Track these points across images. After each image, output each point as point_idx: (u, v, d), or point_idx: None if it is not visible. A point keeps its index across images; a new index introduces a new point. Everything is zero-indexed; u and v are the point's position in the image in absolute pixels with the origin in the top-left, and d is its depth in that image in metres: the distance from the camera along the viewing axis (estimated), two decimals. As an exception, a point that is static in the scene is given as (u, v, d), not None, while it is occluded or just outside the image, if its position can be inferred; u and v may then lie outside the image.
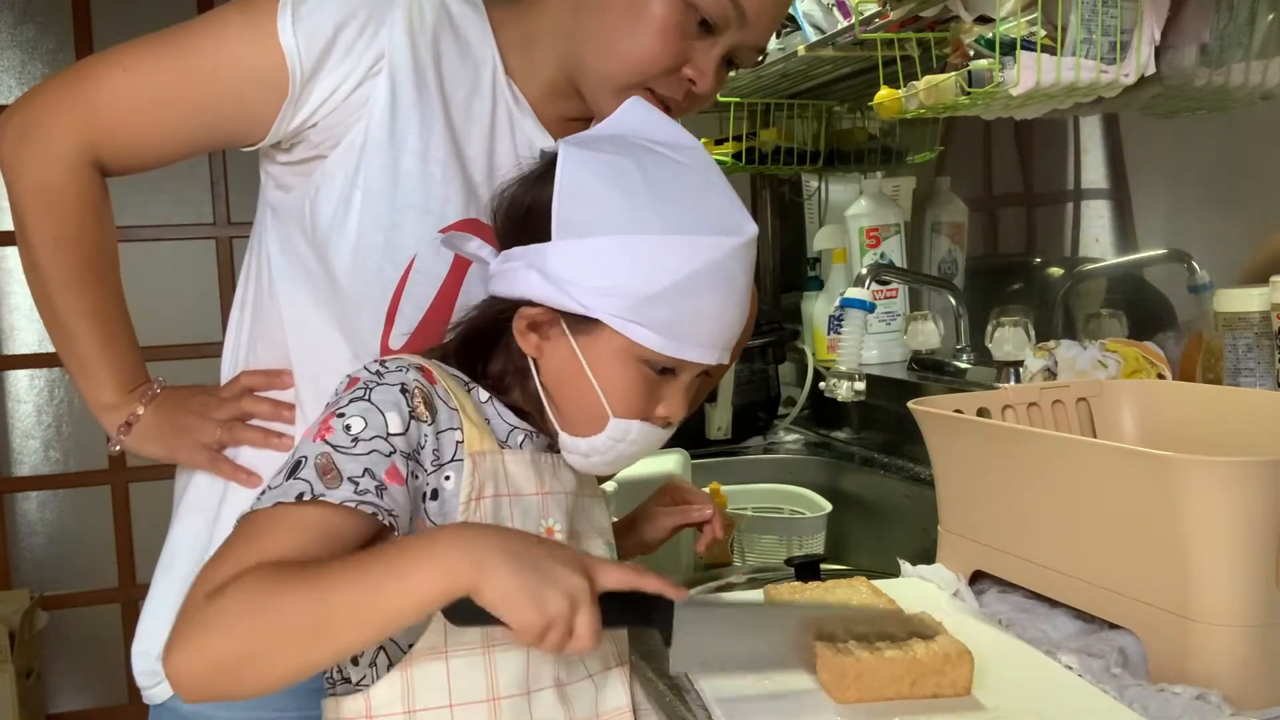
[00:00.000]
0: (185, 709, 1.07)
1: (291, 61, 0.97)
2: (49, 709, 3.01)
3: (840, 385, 1.60)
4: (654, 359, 0.88)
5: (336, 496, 0.78)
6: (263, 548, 0.76)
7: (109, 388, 1.07)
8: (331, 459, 0.80)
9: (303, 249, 1.05)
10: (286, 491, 0.79)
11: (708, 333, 0.88)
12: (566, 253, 0.86)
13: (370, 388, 0.85)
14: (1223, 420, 1.06)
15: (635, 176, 0.86)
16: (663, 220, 0.85)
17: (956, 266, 2.03)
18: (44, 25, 2.97)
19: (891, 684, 0.84)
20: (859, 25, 1.48)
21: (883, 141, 2.14)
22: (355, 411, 0.83)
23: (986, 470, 1.05)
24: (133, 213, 2.91)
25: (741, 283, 0.89)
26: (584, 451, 0.91)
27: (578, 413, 0.90)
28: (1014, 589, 1.04)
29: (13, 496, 3.01)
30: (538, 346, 0.90)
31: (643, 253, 0.85)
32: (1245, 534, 0.81)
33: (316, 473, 0.79)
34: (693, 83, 1.04)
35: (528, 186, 0.91)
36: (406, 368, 0.87)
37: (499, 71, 1.07)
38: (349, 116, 1.00)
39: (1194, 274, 1.48)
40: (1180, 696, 0.82)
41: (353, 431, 0.82)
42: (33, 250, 1.03)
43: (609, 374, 0.88)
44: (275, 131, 1.01)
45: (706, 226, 0.86)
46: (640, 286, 0.85)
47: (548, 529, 0.91)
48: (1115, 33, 1.15)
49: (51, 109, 1.00)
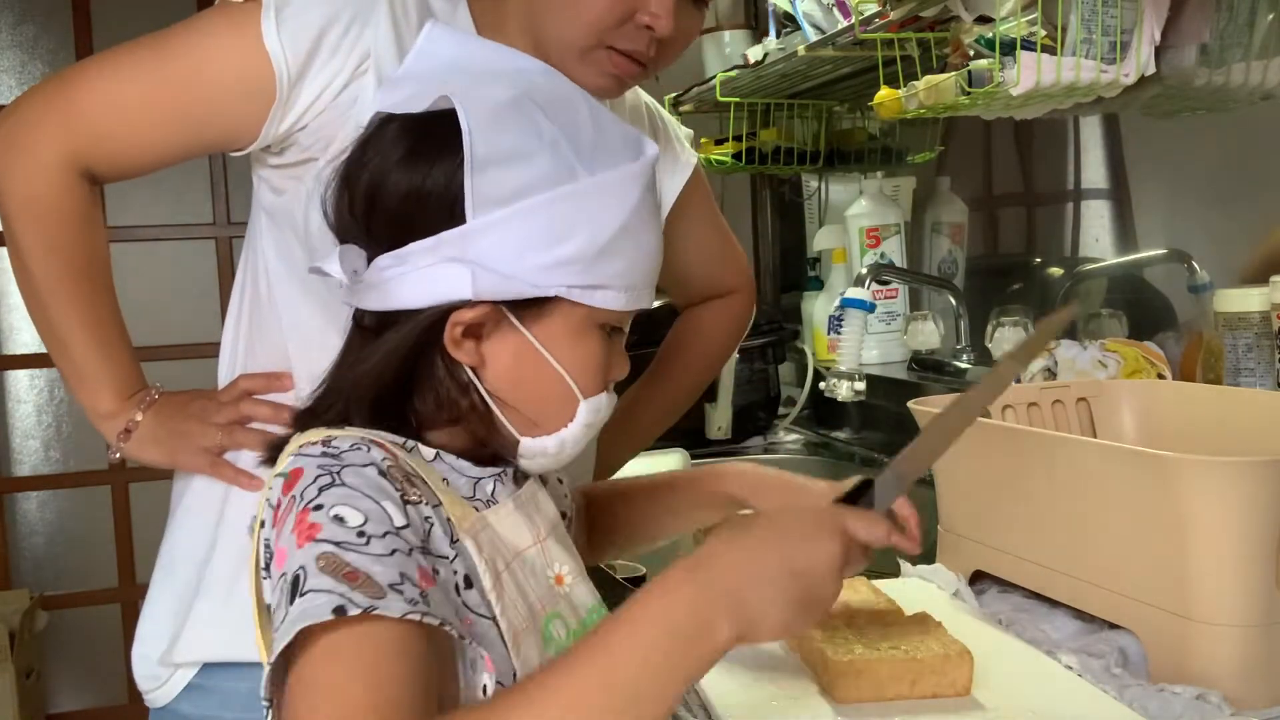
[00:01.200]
0: (188, 711, 1.07)
1: (278, 65, 0.96)
2: (49, 709, 3.00)
3: (840, 385, 1.61)
4: (610, 319, 0.78)
5: (396, 609, 0.63)
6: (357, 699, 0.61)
7: (106, 396, 1.07)
8: (345, 560, 0.64)
9: (298, 253, 1.04)
10: (310, 612, 0.62)
11: (650, 270, 0.79)
12: (494, 230, 0.72)
13: (334, 472, 0.69)
14: (1223, 420, 1.06)
15: (539, 116, 0.73)
16: (583, 159, 0.74)
17: (956, 266, 2.03)
18: (44, 25, 2.97)
19: (891, 684, 0.84)
20: (859, 25, 1.48)
21: (883, 141, 2.14)
22: (336, 501, 0.67)
23: (986, 470, 1.05)
24: (133, 213, 2.91)
25: (657, 203, 0.80)
26: (553, 451, 0.79)
27: (542, 410, 0.78)
28: (1014, 589, 1.04)
29: (13, 496, 3.01)
30: (477, 353, 0.76)
31: (582, 204, 0.73)
32: (1245, 534, 0.81)
33: (336, 577, 0.63)
34: (650, 28, 0.98)
35: (396, 164, 0.74)
36: (358, 444, 0.72)
37: None
38: (339, 117, 0.99)
39: (1194, 274, 1.48)
40: (1180, 696, 0.81)
41: (351, 524, 0.66)
42: (24, 260, 1.03)
43: (571, 354, 0.77)
44: (264, 136, 0.99)
45: (622, 153, 0.76)
46: (589, 244, 0.73)
47: (557, 577, 0.81)
48: (1115, 33, 1.15)
49: (36, 118, 0.99)
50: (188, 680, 1.07)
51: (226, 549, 1.07)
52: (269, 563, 0.70)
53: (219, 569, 1.06)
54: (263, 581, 0.72)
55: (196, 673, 1.06)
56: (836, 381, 1.61)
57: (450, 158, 0.72)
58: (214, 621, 1.05)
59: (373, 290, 0.75)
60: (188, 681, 1.07)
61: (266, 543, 0.70)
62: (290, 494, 0.69)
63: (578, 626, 0.81)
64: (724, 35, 2.22)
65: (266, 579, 0.71)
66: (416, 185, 0.73)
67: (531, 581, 0.78)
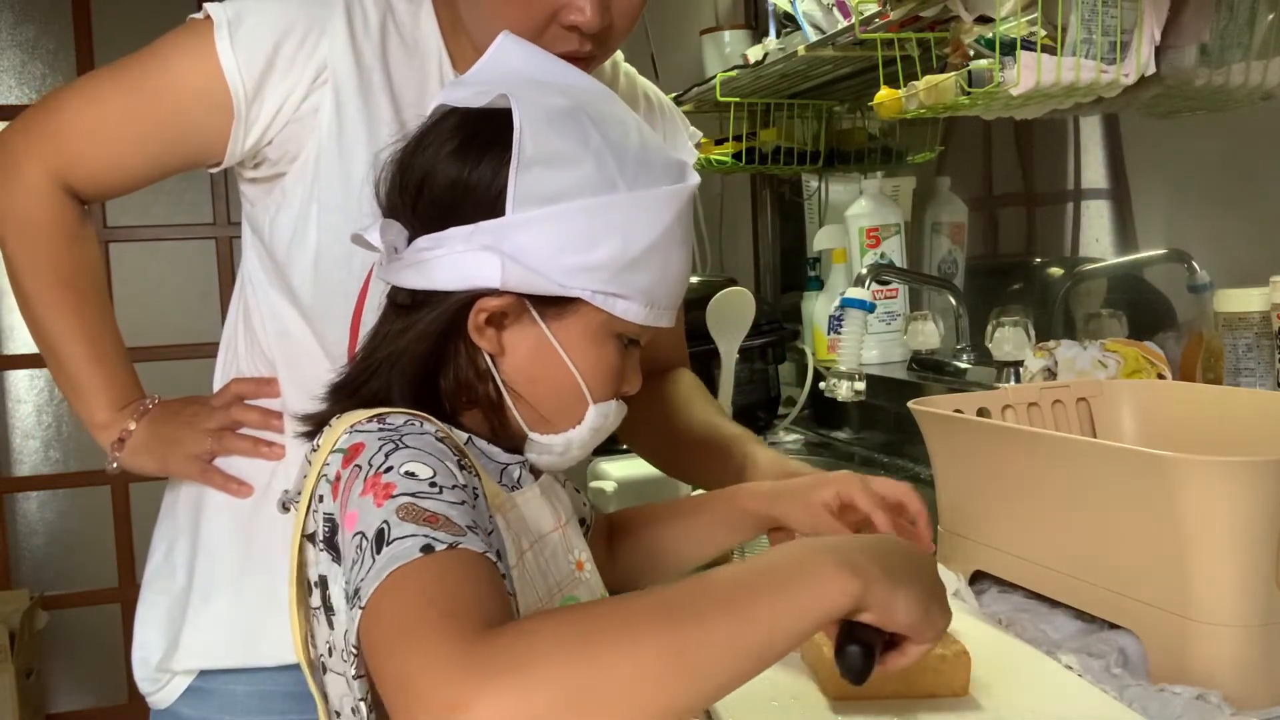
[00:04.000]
0: (188, 714, 1.07)
1: (233, 83, 0.97)
2: (49, 709, 3.01)
3: (840, 385, 1.60)
4: (628, 331, 0.80)
5: (477, 544, 0.64)
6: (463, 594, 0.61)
7: (101, 406, 1.08)
8: (423, 506, 0.65)
9: (268, 263, 1.05)
10: (399, 555, 0.62)
11: (674, 293, 0.81)
12: (530, 226, 0.75)
13: (395, 440, 0.71)
14: (1223, 420, 1.06)
15: (589, 127, 0.76)
16: (625, 175, 0.76)
17: (956, 266, 2.03)
18: (44, 25, 2.97)
19: (889, 683, 0.84)
20: (859, 25, 1.48)
21: (883, 141, 2.14)
22: (404, 460, 0.69)
23: (986, 470, 1.05)
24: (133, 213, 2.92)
25: (689, 230, 0.82)
26: (560, 450, 0.82)
27: (552, 407, 0.81)
28: (1014, 589, 1.04)
29: (13, 496, 3.01)
30: (497, 341, 0.79)
31: (617, 216, 0.76)
32: (1245, 534, 0.81)
33: (418, 522, 0.64)
34: (576, 27, 0.94)
35: (448, 154, 0.78)
36: (411, 420, 0.74)
37: (445, 62, 1.04)
38: (302, 131, 1.00)
39: (1194, 274, 1.48)
40: (1180, 696, 0.81)
41: (422, 477, 0.67)
42: (16, 277, 1.06)
43: (586, 357, 0.79)
44: (231, 153, 1.01)
45: (663, 176, 0.79)
46: (619, 254, 0.76)
47: (577, 563, 0.83)
48: (1115, 33, 1.15)
49: (21, 142, 1.03)
50: (187, 684, 1.07)
51: (216, 555, 1.07)
52: (331, 535, 0.71)
53: (214, 575, 1.07)
54: (317, 553, 0.73)
55: (196, 676, 1.07)
56: (836, 381, 1.61)
57: (500, 152, 0.75)
58: (210, 628, 1.06)
59: (409, 269, 0.78)
60: (187, 685, 1.07)
61: (328, 516, 0.71)
62: (353, 465, 0.70)
63: None
64: (724, 35, 2.23)
65: (322, 551, 0.72)
66: (464, 174, 0.76)
67: (553, 564, 0.80)
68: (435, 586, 0.61)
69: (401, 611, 0.60)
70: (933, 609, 0.68)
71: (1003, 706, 0.84)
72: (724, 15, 2.46)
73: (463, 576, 0.62)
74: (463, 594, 0.60)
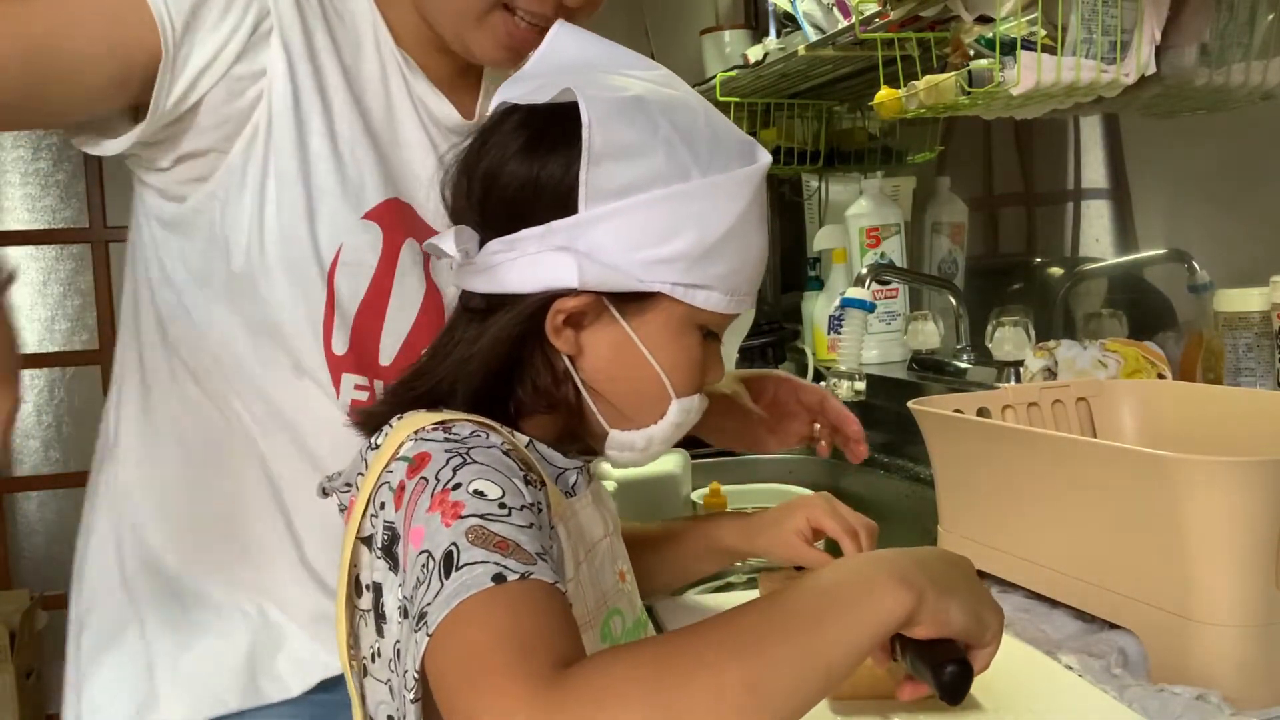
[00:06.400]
0: None
1: (161, 20, 0.85)
2: (49, 709, 3.00)
3: (840, 385, 1.60)
4: (709, 322, 0.78)
5: (548, 574, 0.63)
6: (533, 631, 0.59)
7: None
8: (493, 530, 0.64)
9: (215, 260, 0.94)
10: (470, 583, 0.61)
11: (754, 278, 0.79)
12: (605, 222, 0.73)
13: (463, 453, 0.69)
14: (1223, 420, 1.06)
15: (657, 115, 0.74)
16: (698, 160, 0.74)
17: (956, 266, 2.03)
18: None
19: (889, 683, 0.84)
20: (859, 25, 1.48)
21: (883, 141, 2.14)
22: (472, 477, 0.67)
23: (986, 470, 1.05)
24: (133, 213, 2.91)
25: (765, 210, 0.80)
26: (641, 445, 0.80)
27: (635, 404, 0.79)
28: (1014, 589, 1.04)
29: (13, 496, 3.01)
30: (576, 342, 0.77)
31: (693, 204, 0.74)
32: (1245, 534, 0.81)
33: (488, 548, 0.63)
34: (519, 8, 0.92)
35: (515, 154, 0.76)
36: (477, 430, 0.72)
37: (380, 27, 0.97)
38: (241, 99, 0.90)
39: (1194, 274, 1.48)
40: (1180, 696, 0.81)
41: (491, 497, 0.66)
42: None
43: (668, 352, 0.77)
44: (154, 111, 0.88)
45: (735, 158, 0.76)
46: (696, 243, 0.74)
47: (620, 573, 0.82)
48: (1115, 32, 1.15)
49: None
50: None
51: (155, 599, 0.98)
52: (390, 543, 0.70)
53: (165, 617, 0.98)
54: (373, 559, 0.72)
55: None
56: (836, 381, 1.61)
57: (568, 149, 0.73)
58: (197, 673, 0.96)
59: (482, 273, 0.76)
60: None
61: (389, 524, 0.70)
62: (419, 476, 0.68)
63: (633, 625, 0.82)
64: (724, 35, 2.23)
65: (379, 559, 0.71)
66: (533, 174, 0.74)
67: (601, 575, 0.79)
68: (508, 621, 0.60)
69: (473, 646, 0.59)
70: (983, 612, 0.67)
71: (1003, 706, 0.84)
72: (724, 15, 2.46)
73: (535, 610, 0.61)
74: (536, 630, 0.60)
